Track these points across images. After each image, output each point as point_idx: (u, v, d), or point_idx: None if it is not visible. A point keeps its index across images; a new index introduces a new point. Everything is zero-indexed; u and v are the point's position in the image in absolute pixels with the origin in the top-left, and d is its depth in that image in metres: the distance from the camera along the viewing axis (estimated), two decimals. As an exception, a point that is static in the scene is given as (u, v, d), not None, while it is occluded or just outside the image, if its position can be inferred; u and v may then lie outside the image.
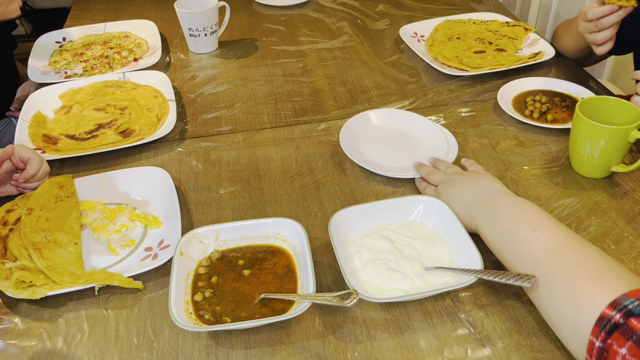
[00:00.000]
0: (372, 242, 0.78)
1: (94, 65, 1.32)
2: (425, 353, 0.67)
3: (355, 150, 0.98)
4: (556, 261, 0.63)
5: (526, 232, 0.68)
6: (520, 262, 0.67)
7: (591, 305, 0.57)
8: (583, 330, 0.57)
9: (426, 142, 1.01)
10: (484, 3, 1.56)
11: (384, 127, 1.05)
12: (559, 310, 0.61)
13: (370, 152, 0.99)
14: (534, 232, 0.67)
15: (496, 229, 0.72)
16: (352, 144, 0.99)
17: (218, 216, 0.88)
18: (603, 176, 0.92)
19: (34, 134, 1.06)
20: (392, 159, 0.98)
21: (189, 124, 1.11)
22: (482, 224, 0.75)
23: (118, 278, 0.75)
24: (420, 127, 1.04)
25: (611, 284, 0.57)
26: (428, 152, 0.98)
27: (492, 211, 0.74)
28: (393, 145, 1.01)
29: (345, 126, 1.02)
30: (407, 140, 1.02)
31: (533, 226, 0.68)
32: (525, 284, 0.65)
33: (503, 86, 1.13)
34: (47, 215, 0.84)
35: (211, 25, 1.33)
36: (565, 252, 0.64)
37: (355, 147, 0.99)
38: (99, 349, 0.70)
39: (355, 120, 1.04)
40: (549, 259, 0.64)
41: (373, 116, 1.06)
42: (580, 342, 0.58)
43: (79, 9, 1.63)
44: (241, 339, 0.70)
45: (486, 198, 0.76)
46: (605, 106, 0.90)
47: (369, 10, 1.55)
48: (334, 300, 0.67)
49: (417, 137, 1.02)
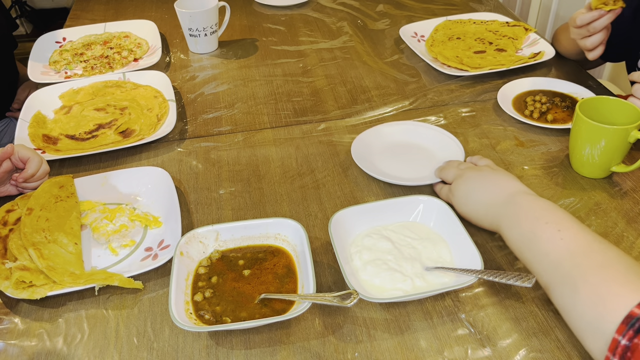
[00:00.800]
0: (372, 242, 0.78)
1: (94, 65, 1.32)
2: (425, 353, 0.67)
3: (369, 162, 0.96)
4: (582, 262, 0.63)
5: (550, 232, 0.67)
6: (543, 262, 0.67)
7: (619, 304, 0.57)
8: (607, 328, 0.57)
9: (438, 151, 0.98)
10: (484, 3, 1.56)
11: (394, 140, 1.02)
12: (583, 309, 0.61)
13: (385, 165, 0.96)
14: (558, 232, 0.67)
15: (518, 229, 0.72)
16: (364, 157, 0.96)
17: (218, 216, 0.88)
18: (603, 176, 0.92)
19: (34, 134, 1.06)
20: (409, 170, 0.95)
21: (189, 124, 1.11)
22: (504, 225, 0.74)
23: (118, 278, 0.75)
24: (430, 137, 1.01)
25: (639, 285, 0.58)
26: (441, 160, 0.95)
27: (514, 212, 0.73)
28: (406, 158, 0.98)
29: (356, 141, 0.99)
30: (419, 151, 1.00)
31: (557, 227, 0.68)
32: (525, 284, 0.65)
33: (503, 86, 1.13)
34: (47, 215, 0.84)
35: (211, 25, 1.33)
36: (591, 253, 0.64)
37: (369, 159, 0.97)
38: (99, 349, 0.70)
39: (367, 134, 1.01)
40: (574, 259, 0.64)
41: (384, 130, 1.03)
42: (602, 340, 0.58)
43: (79, 9, 1.63)
44: (241, 339, 0.70)
45: (507, 198, 0.76)
46: (605, 106, 0.90)
47: (369, 10, 1.55)
48: (334, 300, 0.67)
49: (430, 149, 1.00)
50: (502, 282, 0.67)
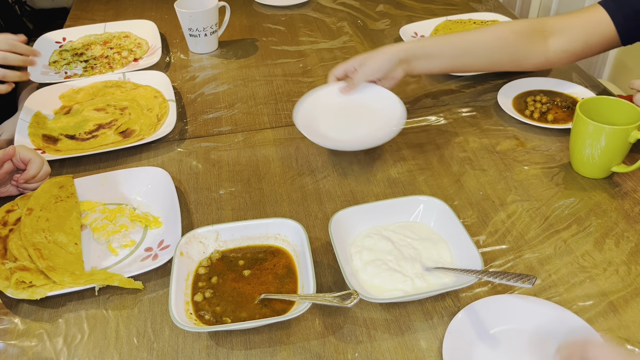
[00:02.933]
0: (372, 242, 0.78)
1: (94, 65, 1.32)
2: (425, 353, 0.67)
3: (313, 130, 0.98)
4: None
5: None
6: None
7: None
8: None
9: (376, 104, 1.02)
10: (483, 3, 1.56)
11: (333, 102, 1.04)
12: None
13: (327, 128, 1.00)
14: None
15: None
16: (308, 124, 0.99)
17: (218, 216, 0.88)
18: (603, 176, 0.92)
19: (34, 134, 1.06)
20: (350, 131, 0.99)
21: (189, 124, 1.11)
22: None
23: (118, 278, 0.75)
24: (366, 93, 1.04)
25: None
26: (381, 116, 1.00)
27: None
28: (349, 120, 1.02)
29: (297, 106, 1.02)
30: (360, 109, 1.03)
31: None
32: (525, 285, 0.65)
33: (503, 86, 1.13)
34: (47, 216, 0.84)
35: (211, 25, 1.33)
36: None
37: (313, 126, 0.99)
38: (99, 350, 0.70)
39: (307, 100, 1.03)
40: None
41: (323, 94, 1.05)
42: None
43: (79, 9, 1.63)
44: (241, 339, 0.70)
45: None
46: (605, 106, 0.90)
47: (369, 10, 1.55)
48: (334, 300, 0.67)
49: (368, 104, 1.03)
50: (503, 282, 0.67)
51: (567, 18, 1.06)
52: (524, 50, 1.06)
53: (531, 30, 1.05)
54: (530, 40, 1.05)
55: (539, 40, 1.05)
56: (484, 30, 1.08)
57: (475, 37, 1.07)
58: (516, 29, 1.06)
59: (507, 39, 1.05)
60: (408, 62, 1.03)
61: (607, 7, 1.01)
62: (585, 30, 1.04)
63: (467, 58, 1.07)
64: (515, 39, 1.05)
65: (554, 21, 1.07)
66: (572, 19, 1.05)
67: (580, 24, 1.04)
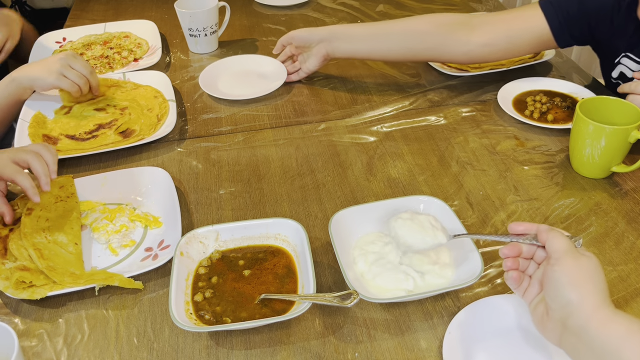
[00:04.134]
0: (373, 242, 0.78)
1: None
2: (425, 353, 0.67)
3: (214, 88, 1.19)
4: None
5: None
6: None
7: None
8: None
9: (265, 67, 1.23)
10: (483, 3, 1.56)
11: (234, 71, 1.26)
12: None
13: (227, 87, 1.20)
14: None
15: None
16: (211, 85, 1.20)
17: (218, 216, 0.88)
18: (603, 176, 0.92)
19: (34, 134, 1.06)
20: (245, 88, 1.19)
21: (189, 124, 1.11)
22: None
23: (118, 278, 0.75)
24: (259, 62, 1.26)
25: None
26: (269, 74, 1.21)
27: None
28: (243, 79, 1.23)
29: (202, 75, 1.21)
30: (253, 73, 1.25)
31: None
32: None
33: (503, 86, 1.13)
34: (47, 216, 0.84)
35: (211, 25, 1.33)
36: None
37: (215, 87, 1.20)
38: (99, 350, 0.70)
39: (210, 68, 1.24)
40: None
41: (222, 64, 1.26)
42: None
43: (79, 9, 1.63)
44: (241, 339, 0.70)
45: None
46: (605, 106, 0.90)
47: (369, 10, 1.55)
48: (334, 300, 0.67)
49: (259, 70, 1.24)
50: (519, 242, 0.64)
51: (495, 14, 1.08)
52: (443, 41, 1.07)
53: (455, 23, 1.07)
54: (452, 32, 1.07)
55: (461, 33, 1.06)
56: (406, 19, 1.12)
57: (395, 24, 1.11)
58: (440, 21, 1.08)
59: (426, 28, 1.08)
60: (330, 41, 1.12)
61: (544, 8, 1.03)
62: (508, 26, 1.05)
63: (383, 43, 1.11)
64: (434, 29, 1.07)
65: (480, 16, 1.09)
66: (499, 15, 1.07)
67: (505, 20, 1.06)
